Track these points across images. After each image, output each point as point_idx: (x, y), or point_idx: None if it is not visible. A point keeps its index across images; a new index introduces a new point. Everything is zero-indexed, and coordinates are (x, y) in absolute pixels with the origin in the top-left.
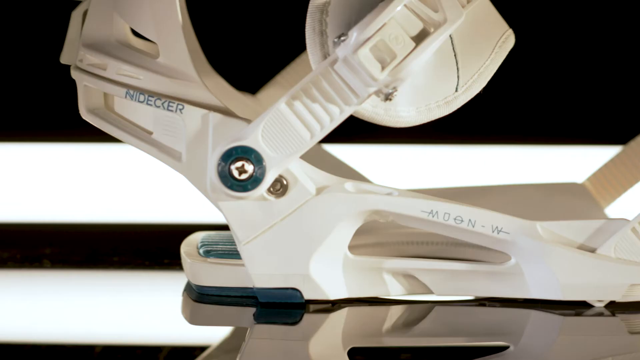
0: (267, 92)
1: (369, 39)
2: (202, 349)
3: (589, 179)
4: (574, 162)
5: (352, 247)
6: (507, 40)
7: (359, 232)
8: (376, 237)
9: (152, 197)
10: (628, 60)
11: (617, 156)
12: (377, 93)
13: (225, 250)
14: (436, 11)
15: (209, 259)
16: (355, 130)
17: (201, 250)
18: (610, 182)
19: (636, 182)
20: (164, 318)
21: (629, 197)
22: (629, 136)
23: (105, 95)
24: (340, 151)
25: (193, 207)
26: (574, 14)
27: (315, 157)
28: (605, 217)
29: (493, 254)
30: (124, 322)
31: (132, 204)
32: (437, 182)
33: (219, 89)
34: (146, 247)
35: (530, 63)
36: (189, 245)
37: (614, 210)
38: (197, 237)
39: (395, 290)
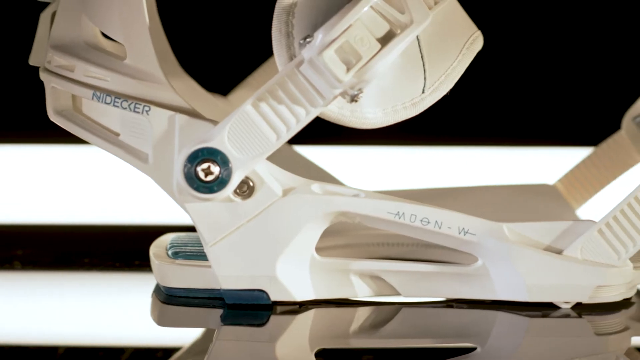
0: (238, 94)
1: (334, 40)
2: (167, 350)
3: (560, 180)
4: (546, 164)
5: (322, 249)
6: (475, 41)
7: (329, 234)
8: (346, 239)
9: (123, 198)
10: (599, 61)
11: (589, 157)
12: (342, 94)
13: (193, 251)
14: (403, 13)
15: (176, 261)
16: (326, 131)
17: (170, 252)
18: (581, 183)
19: (607, 183)
20: (132, 319)
21: (600, 198)
22: (600, 137)
23: (74, 96)
24: (311, 152)
25: (164, 208)
26: (545, 15)
27: (285, 159)
28: (576, 218)
29: (463, 256)
30: (92, 324)
31: (103, 205)
32: (409, 183)
33: (190, 91)
34: (117, 249)
35: (501, 64)
36: (158, 247)
37: (585, 211)
38: (167, 238)
39: (362, 291)
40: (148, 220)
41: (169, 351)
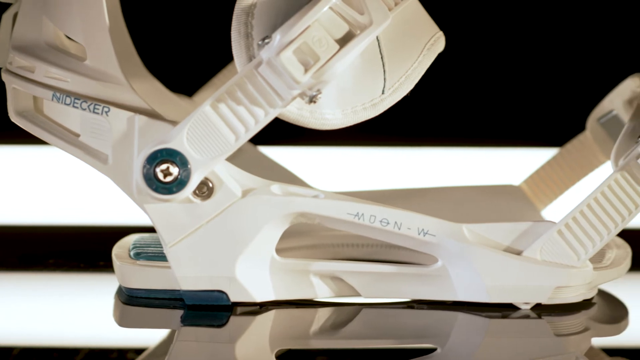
0: (203, 95)
1: (292, 41)
2: (122, 351)
3: (525, 181)
4: (511, 164)
5: (287, 249)
6: (436, 42)
7: (294, 234)
8: (312, 240)
9: (89, 198)
10: (563, 62)
11: (554, 158)
12: (301, 95)
13: (155, 252)
14: (362, 14)
15: (138, 262)
16: (292, 132)
17: (132, 253)
18: (546, 184)
19: (572, 184)
20: (94, 320)
21: (566, 199)
22: (565, 138)
23: (35, 97)
24: (276, 153)
25: (130, 209)
26: (508, 15)
27: (250, 159)
28: (541, 219)
29: (427, 257)
30: (53, 325)
31: (68, 205)
32: (376, 184)
33: (154, 92)
34: (82, 249)
35: (467, 64)
36: (121, 248)
37: (550, 212)
38: (130, 239)
39: (322, 292)
40: (114, 220)
41: (124, 352)
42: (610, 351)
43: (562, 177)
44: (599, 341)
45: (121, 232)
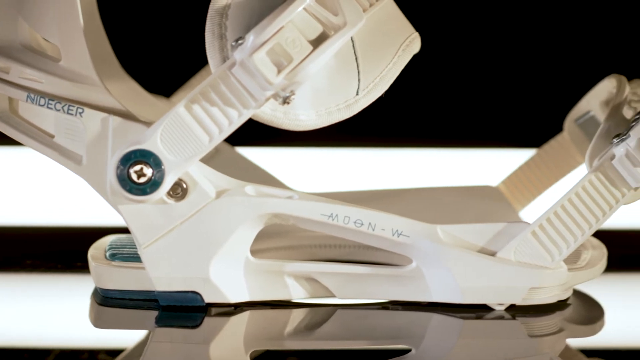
0: (181, 96)
1: (265, 42)
2: (97, 352)
3: (503, 182)
4: (489, 165)
5: (264, 250)
6: (411, 43)
7: (272, 235)
8: (289, 240)
9: (67, 199)
10: (541, 63)
11: (532, 159)
12: (274, 96)
13: (130, 253)
14: (336, 15)
15: (113, 262)
16: (270, 132)
17: (107, 254)
18: (524, 185)
19: (550, 185)
20: (69, 321)
21: (544, 199)
22: (543, 139)
23: (10, 98)
24: (254, 154)
25: (108, 209)
26: (486, 16)
27: (227, 160)
28: (519, 220)
29: (404, 258)
30: (28, 326)
31: (46, 206)
32: (354, 185)
33: (131, 93)
34: (59, 250)
35: (444, 65)
36: (97, 249)
37: (528, 213)
38: (107, 240)
39: (297, 293)
40: (92, 221)
41: (95, 353)
42: (585, 352)
43: (540, 178)
44: (573, 342)
45: (99, 232)
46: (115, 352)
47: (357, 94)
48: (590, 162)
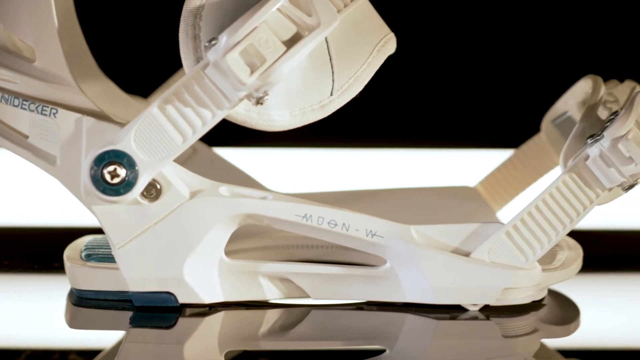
0: (159, 96)
1: (238, 43)
2: (64, 352)
3: (481, 183)
4: (466, 166)
5: (241, 251)
6: (386, 43)
7: (249, 235)
8: (266, 241)
9: (45, 199)
10: (518, 64)
11: (509, 160)
12: (248, 97)
13: (106, 254)
14: (310, 15)
15: (88, 263)
16: (247, 133)
17: (83, 254)
18: (502, 185)
19: (528, 185)
20: (45, 322)
21: (522, 200)
22: (520, 140)
23: None
24: (232, 155)
25: (86, 210)
26: (464, 17)
27: (205, 161)
28: (497, 220)
29: (380, 258)
30: (2, 326)
31: (24, 206)
32: (332, 185)
33: (108, 93)
34: (37, 251)
35: (422, 66)
36: (73, 249)
37: (506, 213)
38: (83, 240)
39: (271, 294)
40: (69, 222)
41: (66, 353)
42: (559, 352)
43: (517, 178)
44: (548, 342)
45: (77, 233)
46: (89, 353)
47: (331, 95)
48: (564, 162)
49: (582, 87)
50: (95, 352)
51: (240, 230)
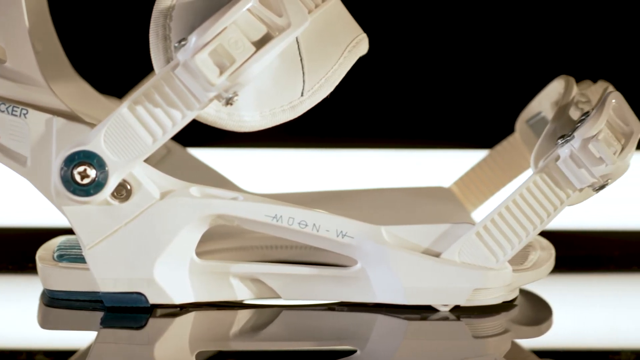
0: None
1: (207, 43)
2: (30, 353)
3: (455, 183)
4: (441, 166)
5: (215, 251)
6: (358, 44)
7: (224, 236)
8: (241, 241)
9: (19, 199)
10: (492, 65)
11: (484, 160)
12: (217, 97)
13: (78, 254)
14: (280, 16)
15: (59, 264)
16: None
17: (55, 255)
18: (476, 185)
19: (502, 185)
20: (17, 322)
21: (497, 200)
22: (495, 140)
23: None
24: (206, 155)
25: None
26: (437, 17)
27: (179, 161)
28: (471, 221)
29: (351, 259)
30: None
31: None
32: (307, 186)
33: (82, 94)
34: (10, 251)
35: (397, 66)
36: (46, 250)
37: (481, 214)
38: (57, 241)
39: (242, 294)
40: (44, 222)
41: (32, 354)
42: (530, 353)
43: (492, 179)
44: (519, 343)
45: (51, 234)
46: (58, 353)
47: (302, 95)
48: (535, 163)
49: (556, 88)
50: (65, 353)
51: (216, 231)
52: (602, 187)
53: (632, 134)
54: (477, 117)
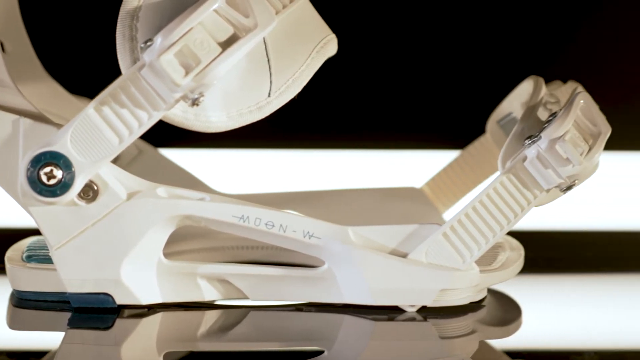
0: None
1: (173, 44)
2: (1, 353)
3: (427, 184)
4: (412, 167)
5: (186, 252)
6: (326, 45)
7: (194, 236)
8: (211, 242)
9: None
10: (462, 66)
11: (455, 161)
12: (183, 98)
13: (46, 255)
14: (247, 17)
15: (28, 264)
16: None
17: (24, 255)
18: (448, 186)
19: (474, 186)
20: None
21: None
22: (466, 141)
23: None
24: (178, 156)
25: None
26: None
27: (151, 162)
28: (442, 221)
29: (320, 259)
30: None
31: None
32: (279, 186)
33: (53, 94)
34: None
35: (369, 66)
36: (15, 251)
37: (452, 214)
38: (26, 242)
39: (210, 295)
40: (14, 223)
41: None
42: (497, 353)
43: (463, 179)
44: (486, 343)
45: (22, 234)
46: (25, 354)
47: (269, 96)
48: (503, 163)
49: (526, 88)
50: (32, 353)
51: (189, 231)
52: (569, 187)
53: (599, 135)
54: (448, 118)
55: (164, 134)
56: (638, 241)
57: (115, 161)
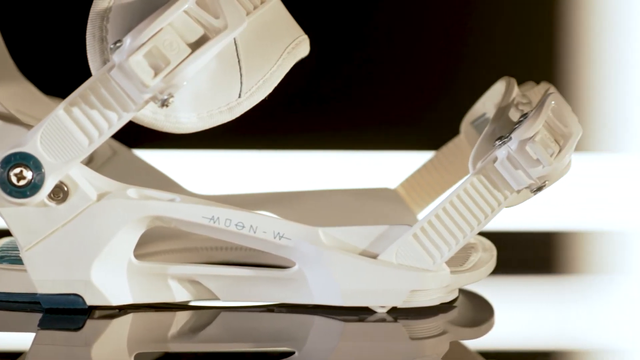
0: None
1: (142, 45)
2: None
3: (401, 185)
4: (387, 168)
5: (160, 252)
6: (297, 46)
7: (169, 237)
8: (186, 242)
9: None
10: (437, 66)
11: (430, 161)
12: (153, 99)
13: (19, 256)
14: (217, 18)
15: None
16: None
17: None
18: (422, 187)
19: (448, 187)
20: None
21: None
22: (441, 142)
23: None
24: (153, 157)
25: None
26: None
27: (125, 163)
28: (414, 222)
29: (290, 260)
30: None
31: None
32: (254, 187)
33: (26, 95)
34: None
35: (344, 67)
36: None
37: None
38: (0, 242)
39: (181, 295)
40: None
41: None
42: (468, 353)
43: (438, 180)
44: (460, 343)
45: None
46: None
47: (239, 97)
48: (473, 164)
49: (499, 89)
50: (3, 354)
51: (162, 232)
52: (539, 188)
53: (570, 136)
54: (423, 119)
55: (139, 135)
56: (610, 242)
57: (89, 162)
